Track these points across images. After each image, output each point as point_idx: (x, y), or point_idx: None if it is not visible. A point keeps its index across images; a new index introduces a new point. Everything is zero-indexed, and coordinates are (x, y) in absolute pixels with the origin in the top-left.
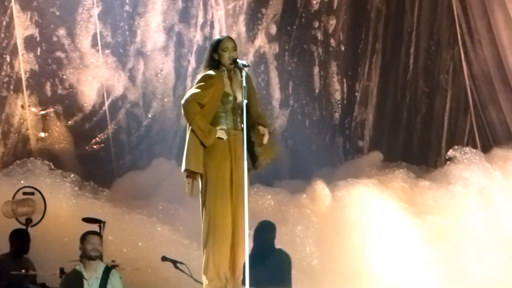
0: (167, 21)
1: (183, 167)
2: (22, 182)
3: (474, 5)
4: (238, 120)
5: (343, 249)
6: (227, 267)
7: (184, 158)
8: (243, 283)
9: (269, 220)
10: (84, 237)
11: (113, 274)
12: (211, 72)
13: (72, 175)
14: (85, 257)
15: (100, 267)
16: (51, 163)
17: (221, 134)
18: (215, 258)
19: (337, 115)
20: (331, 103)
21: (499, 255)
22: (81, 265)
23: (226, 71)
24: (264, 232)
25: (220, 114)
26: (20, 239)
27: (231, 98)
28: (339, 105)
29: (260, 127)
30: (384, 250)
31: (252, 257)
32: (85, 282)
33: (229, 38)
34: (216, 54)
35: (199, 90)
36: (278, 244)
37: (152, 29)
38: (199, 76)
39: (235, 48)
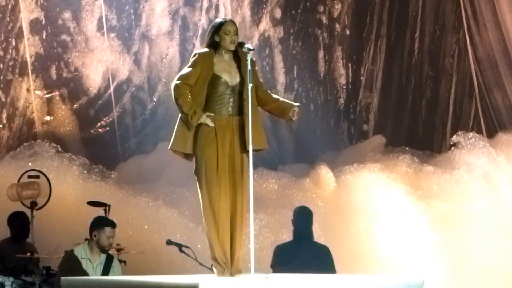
0: (172, 5)
1: (169, 146)
2: (29, 164)
3: None
4: (234, 104)
5: (348, 233)
6: (227, 252)
7: (172, 138)
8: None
9: (305, 206)
10: (101, 227)
11: (115, 262)
12: (200, 51)
13: (80, 159)
14: (99, 247)
15: (103, 254)
16: (58, 146)
17: (207, 120)
18: (214, 242)
19: (342, 99)
20: (336, 87)
21: (503, 239)
22: (83, 247)
23: (224, 54)
24: (302, 218)
25: (212, 98)
26: (19, 222)
27: (222, 80)
28: (344, 90)
29: (292, 108)
30: (389, 235)
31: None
32: (89, 264)
33: (232, 21)
34: (217, 36)
35: (186, 71)
36: (284, 228)
37: (157, 13)
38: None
39: (236, 32)
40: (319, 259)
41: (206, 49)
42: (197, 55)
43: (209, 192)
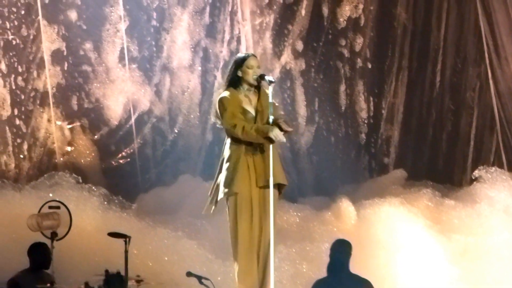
0: (194, 38)
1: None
2: (50, 195)
3: (500, 22)
4: None
5: (369, 267)
6: (255, 282)
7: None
8: None
9: (345, 240)
10: None
11: None
12: (223, 94)
13: (100, 189)
14: None
15: None
16: (79, 177)
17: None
18: (240, 273)
19: (363, 133)
20: (356, 121)
21: None
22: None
23: (245, 90)
24: (338, 253)
25: None
26: (39, 253)
27: (249, 115)
28: (365, 124)
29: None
30: (410, 268)
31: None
32: None
33: (254, 56)
34: (240, 71)
35: (232, 111)
36: (303, 261)
37: (178, 45)
38: (216, 99)
39: (259, 66)
40: None
41: (227, 92)
42: (224, 98)
43: (242, 224)
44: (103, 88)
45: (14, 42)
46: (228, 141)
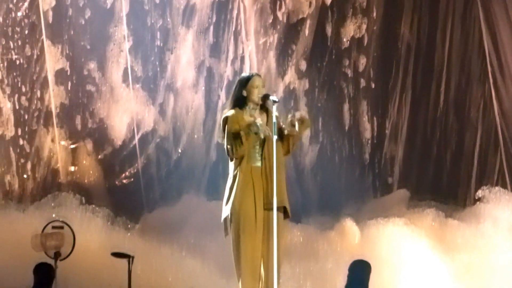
0: (198, 58)
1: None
2: (53, 215)
3: (505, 41)
4: (261, 155)
5: (373, 286)
6: None
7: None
8: None
9: (364, 260)
10: None
11: None
12: (227, 113)
13: (104, 210)
14: None
15: None
16: (83, 197)
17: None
18: None
19: (367, 154)
20: (360, 140)
21: None
22: None
23: (250, 109)
24: (357, 273)
25: (249, 149)
26: (42, 273)
27: (255, 134)
28: (369, 143)
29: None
30: None
31: None
32: None
33: (258, 75)
34: (245, 91)
35: (230, 127)
36: (308, 280)
37: (183, 65)
38: (220, 118)
39: (264, 86)
40: None
41: (232, 111)
42: (228, 118)
43: (246, 242)
44: (107, 108)
45: (18, 62)
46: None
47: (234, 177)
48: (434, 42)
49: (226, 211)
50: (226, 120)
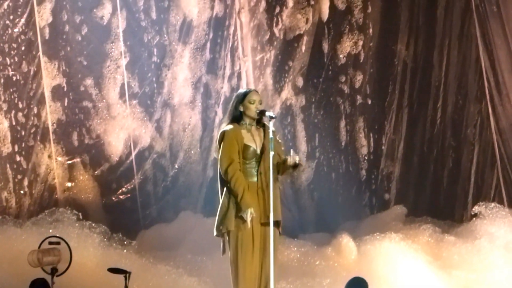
0: (195, 75)
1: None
2: (50, 231)
3: (502, 59)
4: (258, 171)
5: None
6: None
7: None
8: None
9: (360, 277)
10: None
11: None
12: (226, 128)
13: (101, 227)
14: None
15: None
16: (80, 214)
17: (248, 217)
18: None
19: (363, 171)
20: (357, 157)
21: None
22: None
23: (247, 124)
24: None
25: (245, 165)
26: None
27: (251, 149)
28: (366, 160)
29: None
30: None
31: None
32: None
33: (255, 91)
34: (242, 106)
35: (227, 150)
36: None
37: (179, 82)
38: (217, 134)
39: (260, 102)
40: None
41: (230, 126)
42: (226, 132)
43: (244, 259)
44: (104, 124)
45: (14, 78)
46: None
47: (229, 192)
48: (431, 59)
49: (223, 226)
50: (223, 135)
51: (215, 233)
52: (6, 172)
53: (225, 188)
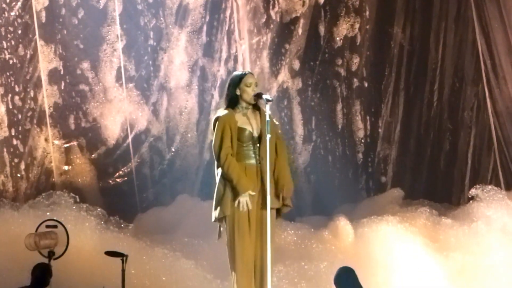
0: (191, 58)
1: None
2: (47, 214)
3: (498, 41)
4: (257, 154)
5: (368, 285)
6: None
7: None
8: None
9: (346, 267)
10: None
11: None
12: (220, 114)
13: (97, 209)
14: None
15: None
16: (77, 196)
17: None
18: None
19: (360, 154)
20: (353, 140)
21: None
22: None
23: (243, 108)
24: (345, 284)
25: (242, 148)
26: (39, 271)
27: (247, 132)
28: (362, 143)
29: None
30: (407, 287)
31: None
32: None
33: (251, 74)
34: (238, 89)
35: (220, 137)
36: (302, 279)
37: (176, 66)
38: (212, 119)
39: (256, 84)
40: None
41: (225, 111)
42: (220, 118)
43: (241, 242)
44: (101, 108)
45: (11, 62)
46: None
47: (223, 177)
48: (427, 42)
49: (219, 211)
50: (217, 120)
51: (213, 218)
52: (3, 156)
53: (219, 174)
